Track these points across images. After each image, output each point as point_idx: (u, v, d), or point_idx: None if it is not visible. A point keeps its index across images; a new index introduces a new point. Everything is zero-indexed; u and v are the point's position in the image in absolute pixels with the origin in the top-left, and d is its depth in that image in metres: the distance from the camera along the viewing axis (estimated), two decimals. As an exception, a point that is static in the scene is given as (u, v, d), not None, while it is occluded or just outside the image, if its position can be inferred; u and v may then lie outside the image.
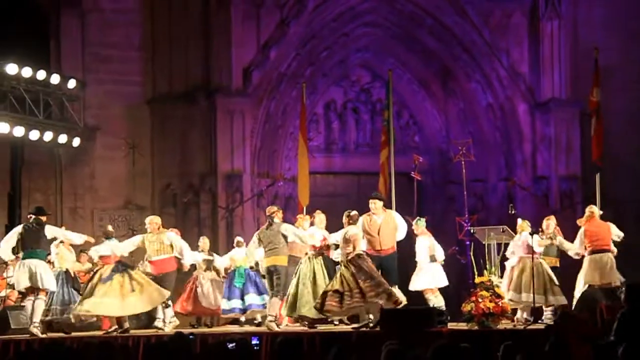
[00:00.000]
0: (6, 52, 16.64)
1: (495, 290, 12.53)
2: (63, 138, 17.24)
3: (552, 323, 12.35)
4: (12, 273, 14.89)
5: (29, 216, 13.41)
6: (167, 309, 13.84)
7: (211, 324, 15.66)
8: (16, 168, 17.73)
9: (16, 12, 18.65)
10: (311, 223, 14.11)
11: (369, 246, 13.05)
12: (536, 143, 19.73)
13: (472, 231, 14.56)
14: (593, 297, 12.75)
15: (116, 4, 19.14)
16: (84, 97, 18.07)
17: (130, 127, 18.92)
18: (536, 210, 18.44)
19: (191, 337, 11.36)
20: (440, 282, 14.08)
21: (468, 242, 15.48)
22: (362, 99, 20.49)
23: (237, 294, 14.87)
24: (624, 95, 19.59)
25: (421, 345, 8.63)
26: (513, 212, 14.54)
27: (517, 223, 14.00)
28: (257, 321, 15.01)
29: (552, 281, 13.69)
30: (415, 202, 16.32)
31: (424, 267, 14.01)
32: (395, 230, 13.15)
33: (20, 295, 13.69)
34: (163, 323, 13.77)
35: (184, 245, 13.88)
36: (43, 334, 12.92)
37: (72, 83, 17.35)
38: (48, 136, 16.92)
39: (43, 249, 13.19)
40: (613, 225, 13.61)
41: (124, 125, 18.93)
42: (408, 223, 13.72)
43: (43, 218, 13.26)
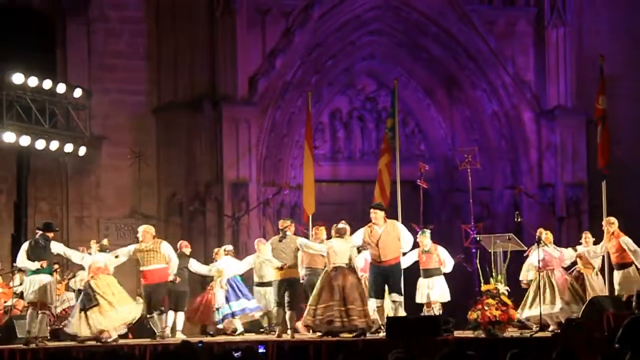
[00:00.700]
0: (12, 62, 16.66)
1: (501, 298, 12.51)
2: (69, 147, 17.26)
3: (559, 331, 12.34)
4: (19, 282, 14.93)
5: (37, 231, 13.42)
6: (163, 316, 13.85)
7: (215, 334, 15.60)
8: (22, 177, 17.73)
9: (22, 22, 18.68)
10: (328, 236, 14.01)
11: (372, 257, 13.03)
12: (542, 151, 19.72)
13: (478, 239, 14.52)
14: (600, 305, 12.72)
15: (122, 13, 19.19)
16: (90, 106, 18.09)
17: (136, 136, 18.94)
18: (542, 218, 18.43)
19: (199, 345, 11.39)
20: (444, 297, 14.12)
21: (474, 250, 15.47)
22: (368, 108, 20.49)
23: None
24: (630, 102, 19.59)
25: (427, 353, 8.64)
26: (519, 220, 14.53)
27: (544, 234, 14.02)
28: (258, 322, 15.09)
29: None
30: (421, 210, 16.31)
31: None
32: (397, 240, 12.97)
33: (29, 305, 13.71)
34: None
35: (173, 256, 13.77)
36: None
37: (78, 92, 17.38)
38: (54, 145, 16.94)
39: (50, 265, 13.24)
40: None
41: (130, 134, 18.95)
42: (414, 232, 13.71)
43: (50, 234, 13.28)
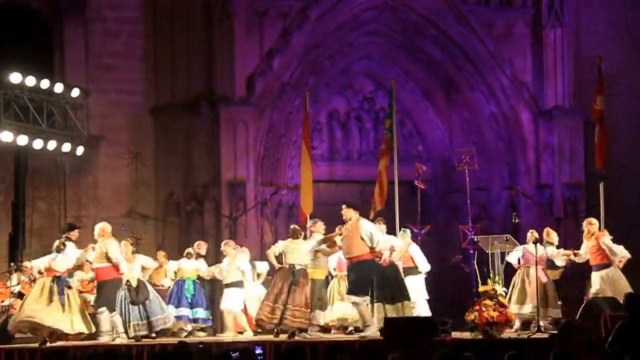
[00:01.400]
0: (10, 61, 16.64)
1: (499, 299, 12.52)
2: (66, 147, 17.24)
3: (556, 332, 12.34)
4: (16, 282, 14.93)
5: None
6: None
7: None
8: (20, 177, 17.71)
9: (20, 22, 18.67)
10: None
11: None
12: (539, 151, 19.73)
13: (476, 240, 14.54)
14: (597, 307, 12.73)
15: (119, 14, 19.19)
16: (88, 106, 18.07)
17: (133, 136, 18.94)
18: (540, 218, 18.44)
19: (200, 347, 11.41)
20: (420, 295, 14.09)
21: (472, 251, 15.49)
22: (365, 108, 20.50)
23: (186, 303, 14.88)
24: (628, 103, 19.59)
25: (425, 355, 8.65)
26: (517, 221, 14.55)
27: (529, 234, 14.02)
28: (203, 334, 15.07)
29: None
30: (418, 211, 16.32)
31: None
32: (359, 237, 12.85)
33: None
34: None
35: (118, 256, 13.63)
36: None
37: (76, 92, 17.36)
38: (52, 145, 16.92)
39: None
40: None
41: (128, 134, 18.95)
42: (416, 233, 13.81)
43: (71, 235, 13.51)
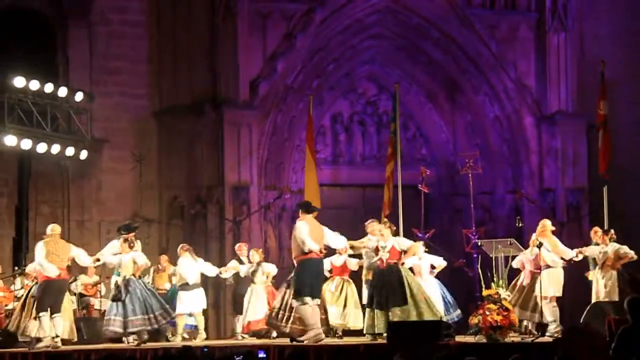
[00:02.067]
0: (14, 65, 16.66)
1: (502, 303, 12.51)
2: (70, 151, 17.25)
3: (560, 336, 12.34)
4: (20, 286, 14.94)
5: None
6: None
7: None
8: (23, 180, 17.73)
9: (23, 25, 18.68)
10: None
11: None
12: (543, 155, 19.72)
13: (480, 244, 14.53)
14: (601, 310, 12.73)
15: (123, 17, 19.20)
16: (91, 110, 18.07)
17: (137, 140, 18.95)
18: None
19: (205, 350, 11.40)
20: None
21: (475, 255, 15.48)
22: (369, 112, 20.50)
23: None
24: (631, 107, 19.61)
25: (428, 358, 8.64)
26: (521, 225, 14.54)
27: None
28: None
29: None
30: (422, 215, 16.33)
31: None
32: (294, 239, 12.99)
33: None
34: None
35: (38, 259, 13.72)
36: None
37: (80, 96, 17.36)
38: (55, 149, 16.93)
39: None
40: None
41: (131, 137, 18.96)
42: (414, 237, 13.85)
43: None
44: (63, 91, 17.08)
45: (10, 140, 16.18)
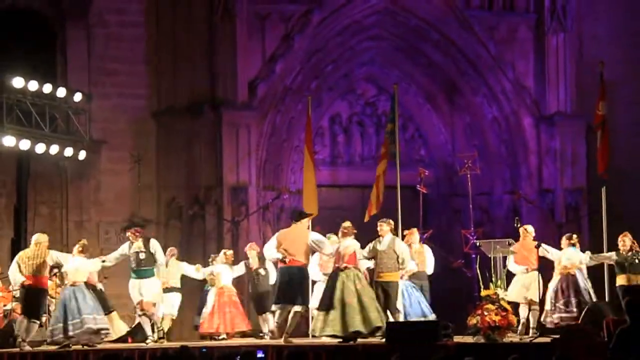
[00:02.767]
0: (12, 66, 16.66)
1: (501, 303, 12.51)
2: (69, 151, 17.25)
3: (558, 337, 12.34)
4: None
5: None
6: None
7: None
8: (22, 181, 17.73)
9: (22, 26, 18.69)
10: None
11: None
12: (541, 156, 19.72)
13: (478, 244, 14.53)
14: (600, 311, 12.73)
15: (122, 18, 19.20)
16: (90, 111, 18.08)
17: (135, 141, 18.95)
18: (541, 223, 18.41)
19: (203, 351, 11.40)
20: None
21: (474, 255, 15.47)
22: (368, 113, 20.51)
23: None
24: (630, 108, 19.60)
25: (426, 358, 8.65)
26: (519, 225, 14.55)
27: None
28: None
29: None
30: (420, 215, 16.32)
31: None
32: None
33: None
34: None
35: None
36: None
37: (78, 96, 17.37)
38: (54, 149, 16.93)
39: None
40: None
41: (130, 138, 18.96)
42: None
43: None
44: (62, 92, 17.09)
45: (8, 140, 16.18)
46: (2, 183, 18.50)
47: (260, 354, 11.37)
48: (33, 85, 16.47)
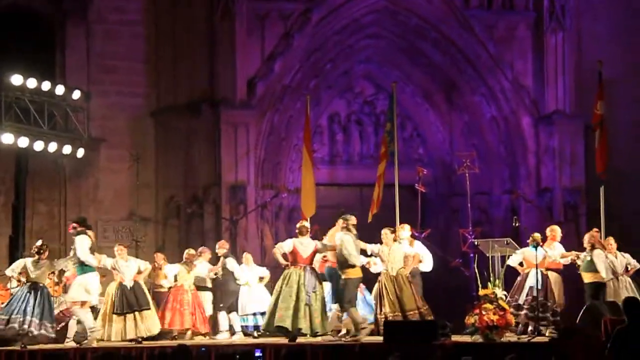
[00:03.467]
0: (11, 63, 16.65)
1: (499, 302, 12.51)
2: (67, 149, 17.24)
3: (556, 337, 12.36)
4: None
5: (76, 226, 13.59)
6: None
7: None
8: (20, 178, 17.71)
9: (21, 24, 18.69)
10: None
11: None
12: (540, 155, 19.72)
13: (476, 243, 14.54)
14: (598, 311, 12.73)
15: (121, 16, 19.20)
16: (89, 108, 18.06)
17: (134, 139, 18.96)
18: (540, 222, 18.42)
19: (203, 350, 11.42)
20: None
21: (472, 255, 15.47)
22: (366, 111, 20.50)
23: None
24: (628, 108, 19.59)
25: (424, 358, 8.66)
26: (517, 225, 14.55)
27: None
28: None
29: None
30: (419, 215, 16.31)
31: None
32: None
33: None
34: None
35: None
36: None
37: (77, 94, 17.35)
38: (52, 147, 16.92)
39: None
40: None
41: (128, 136, 18.97)
42: (416, 236, 14.01)
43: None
44: (60, 89, 17.07)
45: (7, 138, 16.17)
46: (1, 180, 18.51)
47: (258, 353, 11.39)
48: (32, 82, 16.46)
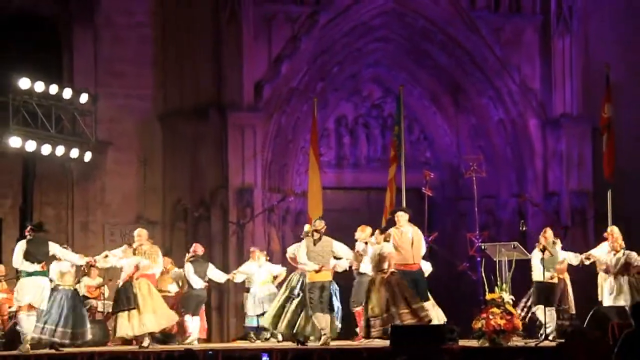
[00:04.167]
0: (19, 67, 16.66)
1: (506, 307, 12.49)
2: (75, 152, 17.26)
3: (563, 341, 12.32)
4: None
5: (31, 232, 13.58)
6: None
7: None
8: (28, 182, 17.75)
9: (29, 27, 18.72)
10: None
11: (400, 261, 13.26)
12: (547, 159, 19.70)
13: (483, 247, 14.51)
14: (605, 315, 12.71)
15: (128, 19, 19.22)
16: (96, 112, 18.05)
17: (141, 142, 18.98)
18: (547, 226, 18.38)
19: (210, 354, 11.42)
20: None
21: (479, 259, 15.45)
22: (374, 114, 20.48)
23: None
24: (635, 111, 19.53)
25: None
26: (524, 229, 14.52)
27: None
28: None
29: None
30: (426, 218, 16.30)
31: None
32: (420, 244, 13.64)
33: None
34: None
35: None
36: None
37: (84, 97, 17.37)
38: (60, 150, 16.93)
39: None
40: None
41: (136, 140, 18.99)
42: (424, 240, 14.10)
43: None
44: (68, 93, 17.08)
45: (15, 141, 16.19)
46: (8, 184, 18.54)
47: (265, 357, 11.38)
48: (39, 86, 16.47)
